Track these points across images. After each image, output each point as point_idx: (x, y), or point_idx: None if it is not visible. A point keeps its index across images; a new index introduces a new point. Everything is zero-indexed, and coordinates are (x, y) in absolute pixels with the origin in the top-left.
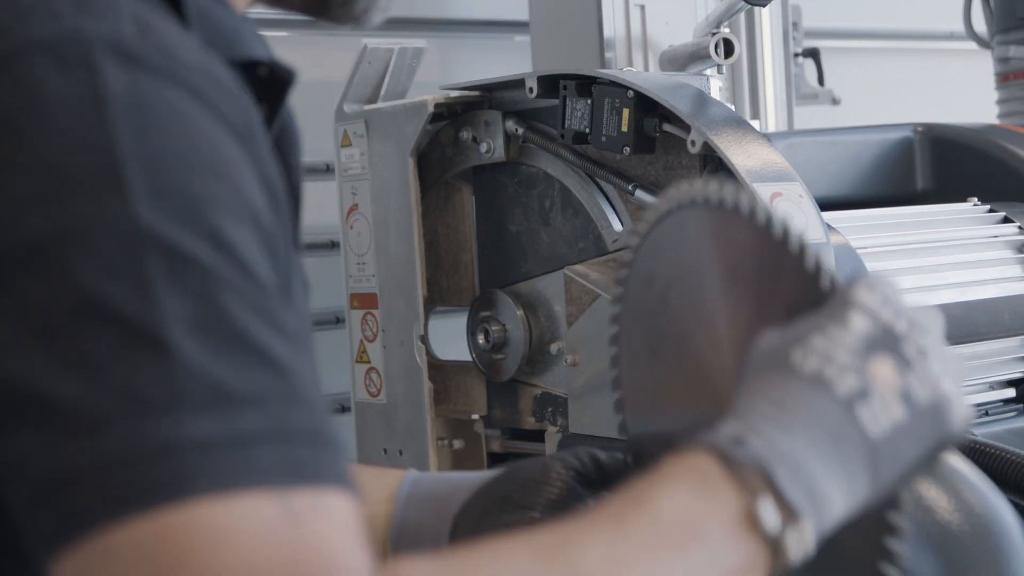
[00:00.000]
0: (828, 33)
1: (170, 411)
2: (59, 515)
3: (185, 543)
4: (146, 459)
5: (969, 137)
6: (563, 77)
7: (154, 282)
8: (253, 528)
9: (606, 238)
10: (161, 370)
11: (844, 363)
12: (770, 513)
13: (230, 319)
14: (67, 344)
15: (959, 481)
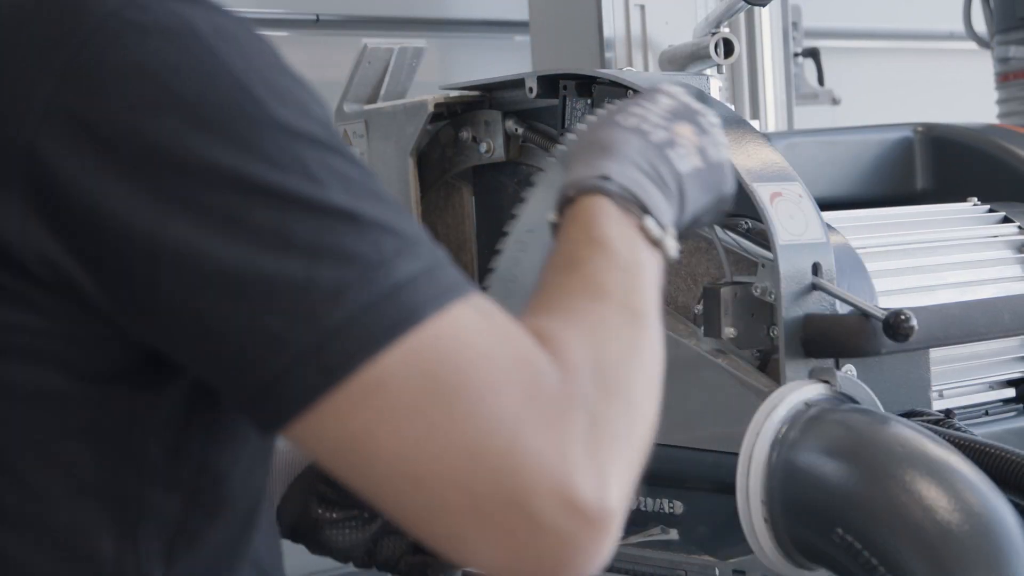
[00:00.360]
0: (828, 33)
1: (382, 263)
2: (322, 369)
3: (443, 349)
4: (383, 303)
5: (969, 137)
6: (563, 77)
7: (312, 167)
8: (472, 327)
9: None
10: (359, 234)
11: (655, 122)
12: (654, 226)
13: (366, 184)
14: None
15: (959, 481)
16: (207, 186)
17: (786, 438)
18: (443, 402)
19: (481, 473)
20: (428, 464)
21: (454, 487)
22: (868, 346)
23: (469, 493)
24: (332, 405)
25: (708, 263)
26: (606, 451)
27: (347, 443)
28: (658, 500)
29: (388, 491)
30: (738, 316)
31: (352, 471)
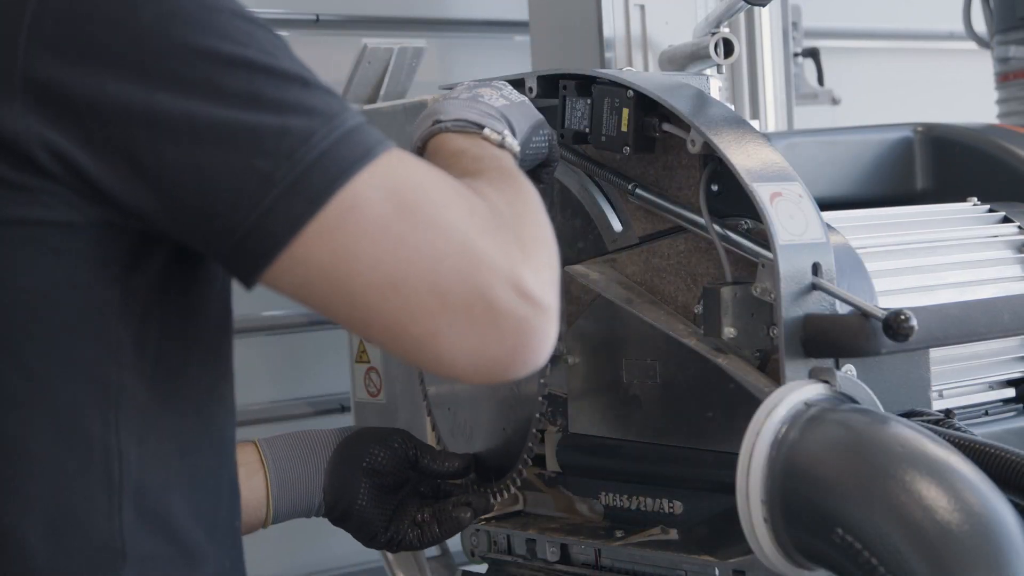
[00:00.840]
0: (828, 33)
1: (335, 114)
2: (305, 198)
3: (399, 174)
4: (345, 141)
5: (969, 137)
6: (563, 77)
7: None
8: (414, 162)
9: (606, 238)
10: (312, 93)
11: (459, 92)
12: (491, 133)
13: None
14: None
15: (959, 481)
16: (186, 63)
17: (786, 438)
18: (407, 215)
19: (445, 272)
20: (402, 269)
21: (426, 287)
22: (868, 346)
23: (438, 291)
24: (316, 229)
25: (708, 263)
26: (533, 256)
27: (330, 264)
28: (658, 500)
29: (368, 302)
30: (738, 316)
31: (334, 291)
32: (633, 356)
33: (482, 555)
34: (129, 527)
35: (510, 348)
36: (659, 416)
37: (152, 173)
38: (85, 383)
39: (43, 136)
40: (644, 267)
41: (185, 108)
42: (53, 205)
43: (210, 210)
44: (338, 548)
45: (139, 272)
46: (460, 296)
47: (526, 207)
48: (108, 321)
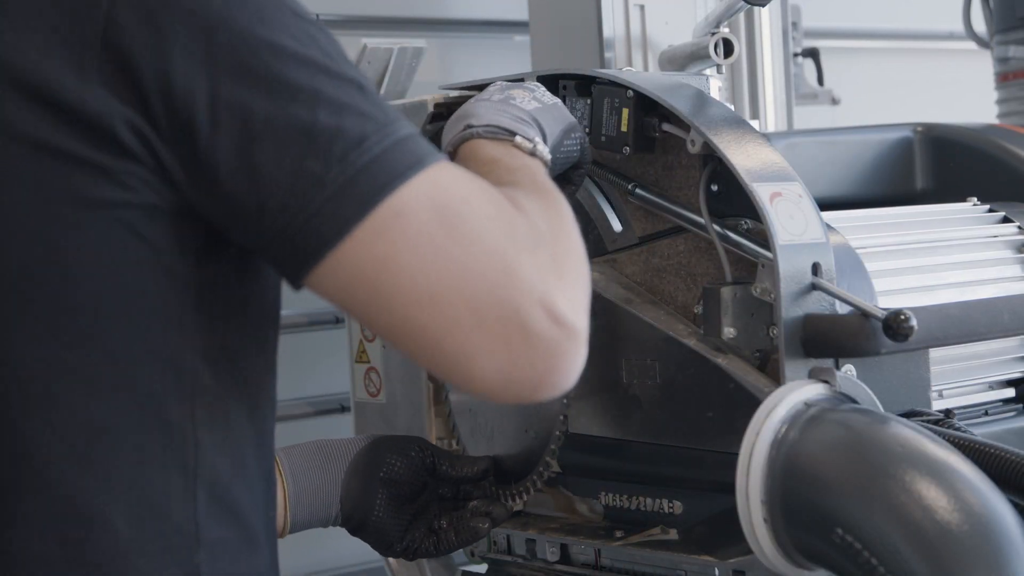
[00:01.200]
0: (828, 33)
1: (389, 121)
2: (355, 201)
3: (446, 187)
4: (397, 149)
5: (969, 137)
6: (562, 77)
7: (327, 48)
8: (460, 175)
9: (606, 238)
10: (368, 98)
11: (491, 93)
12: (523, 141)
13: (359, 71)
14: (313, 93)
15: (959, 481)
16: (252, 54)
17: (786, 438)
18: (451, 228)
19: (484, 289)
20: (441, 282)
21: (463, 303)
22: (868, 346)
23: (475, 308)
24: (362, 233)
25: (708, 263)
26: (567, 278)
27: (372, 270)
28: (658, 500)
29: (406, 313)
30: (738, 316)
31: (374, 298)
32: (633, 356)
33: (482, 555)
34: (202, 512)
35: (540, 371)
36: (659, 416)
37: (208, 165)
38: (165, 369)
39: (123, 113)
40: (644, 267)
41: (245, 100)
42: (136, 187)
43: (260, 209)
44: (338, 548)
45: (210, 259)
46: (496, 315)
47: (561, 224)
48: (185, 307)
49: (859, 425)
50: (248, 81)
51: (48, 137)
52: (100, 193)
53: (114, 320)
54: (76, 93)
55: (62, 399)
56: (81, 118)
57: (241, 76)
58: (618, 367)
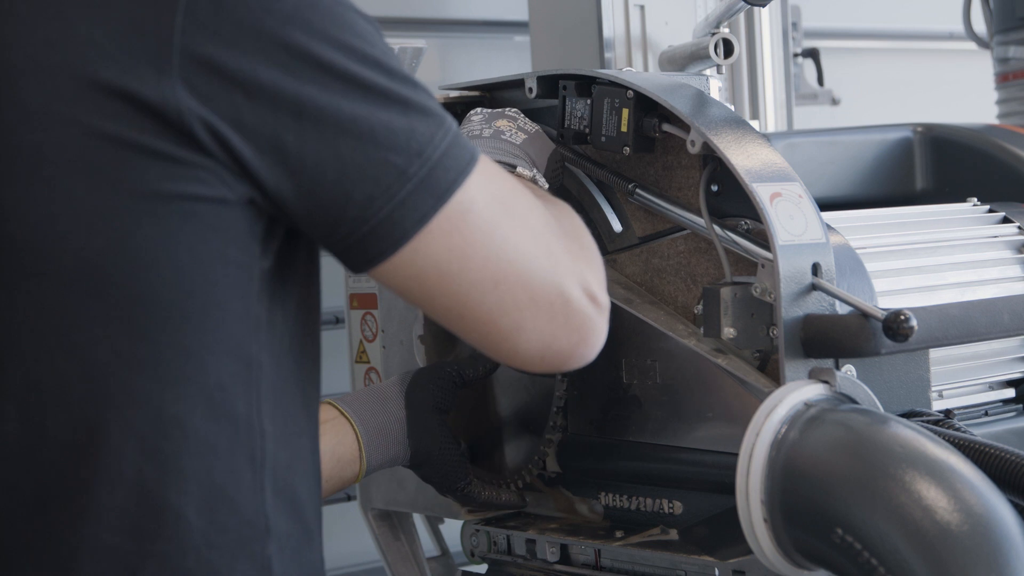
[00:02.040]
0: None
1: (445, 118)
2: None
3: (497, 179)
4: (457, 145)
5: (968, 137)
6: (562, 77)
7: (387, 51)
8: (501, 171)
9: (606, 238)
10: (426, 96)
11: (480, 128)
12: (523, 171)
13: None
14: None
15: (959, 481)
16: (329, 54)
17: (786, 438)
18: (509, 217)
19: (537, 271)
20: (503, 268)
21: (520, 285)
22: (868, 346)
23: (529, 289)
24: (437, 225)
25: (708, 263)
26: (593, 264)
27: (445, 260)
28: (658, 500)
29: (470, 297)
30: (738, 316)
31: (442, 285)
32: (633, 356)
33: (482, 555)
34: (270, 504)
35: (575, 342)
36: (659, 416)
37: (294, 159)
38: (233, 361)
39: (200, 113)
40: (644, 267)
41: (330, 100)
42: (210, 181)
43: (345, 199)
44: (338, 548)
45: (271, 251)
46: (545, 294)
47: (573, 223)
48: (249, 299)
49: (859, 425)
50: (330, 82)
51: (123, 131)
52: (173, 187)
53: (185, 312)
54: (155, 90)
55: (132, 390)
56: (158, 114)
57: (324, 77)
58: (618, 367)
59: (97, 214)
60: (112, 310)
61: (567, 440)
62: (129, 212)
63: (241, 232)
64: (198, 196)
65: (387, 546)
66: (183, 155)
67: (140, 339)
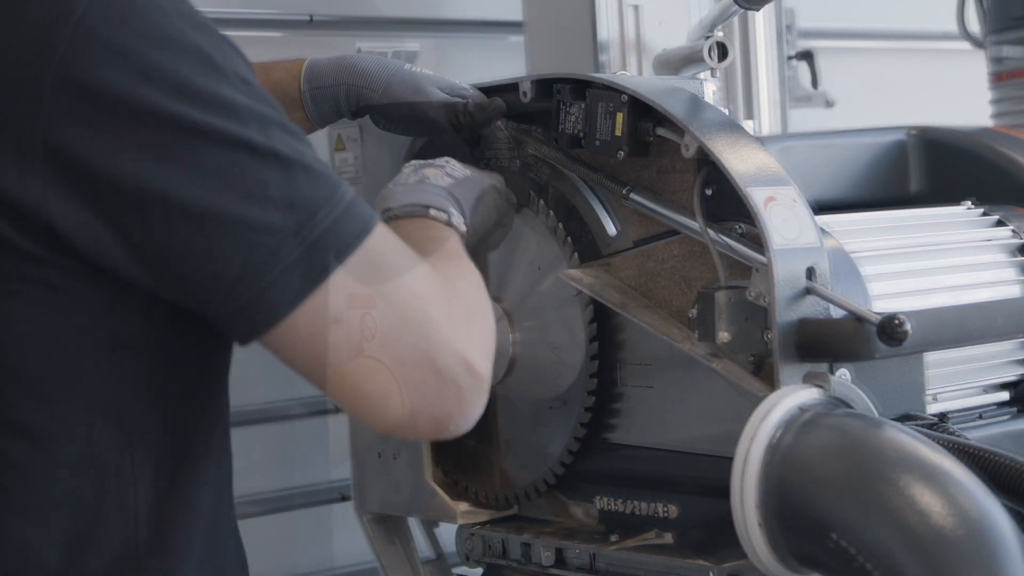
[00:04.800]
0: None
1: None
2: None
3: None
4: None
5: (963, 140)
6: (557, 81)
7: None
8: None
9: (600, 242)
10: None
11: (407, 175)
12: (436, 213)
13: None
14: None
15: (953, 485)
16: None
17: (781, 443)
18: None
19: (408, 341)
20: (371, 338)
21: (388, 354)
22: (862, 350)
23: (398, 358)
24: (311, 304)
25: (702, 267)
26: (476, 333)
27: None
28: (653, 504)
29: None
30: (732, 320)
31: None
32: (628, 360)
33: (477, 559)
34: (144, 547)
35: (447, 412)
36: (654, 420)
37: (162, 247)
38: (104, 416)
39: (63, 206)
40: (639, 271)
41: (200, 193)
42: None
43: (213, 281)
44: (338, 548)
45: (150, 309)
46: (416, 364)
47: (469, 286)
48: (123, 356)
49: (854, 430)
50: (192, 165)
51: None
52: (33, 271)
53: (50, 376)
54: (16, 183)
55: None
56: (17, 207)
57: (184, 160)
58: (612, 371)
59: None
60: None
61: None
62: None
63: (112, 302)
64: (65, 274)
65: (382, 550)
66: (44, 248)
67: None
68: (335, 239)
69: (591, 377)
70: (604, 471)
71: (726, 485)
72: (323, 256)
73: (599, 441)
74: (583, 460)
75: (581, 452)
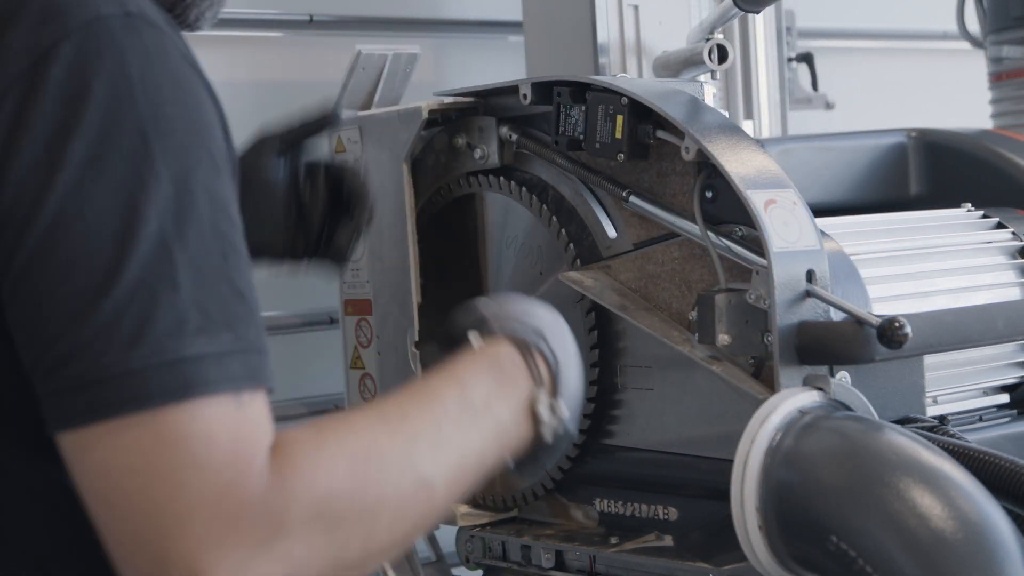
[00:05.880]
0: (821, 33)
1: (174, 335)
2: (90, 401)
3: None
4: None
5: (963, 142)
6: (557, 83)
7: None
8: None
9: (600, 244)
10: (173, 306)
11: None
12: (546, 409)
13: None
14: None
15: (953, 488)
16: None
17: (780, 445)
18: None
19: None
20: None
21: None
22: (862, 353)
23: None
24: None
25: (702, 270)
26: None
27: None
28: (653, 506)
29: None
30: (732, 323)
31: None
32: (628, 363)
33: (477, 561)
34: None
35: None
36: (653, 422)
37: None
38: None
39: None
40: (638, 274)
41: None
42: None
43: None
44: None
45: None
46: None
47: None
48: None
49: (854, 432)
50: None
51: None
52: None
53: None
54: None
55: None
56: None
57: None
58: (613, 373)
59: None
60: None
61: None
62: None
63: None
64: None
65: None
66: None
67: None
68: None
69: (591, 384)
70: (604, 473)
71: (726, 488)
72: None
73: (599, 444)
74: (583, 463)
75: (581, 455)
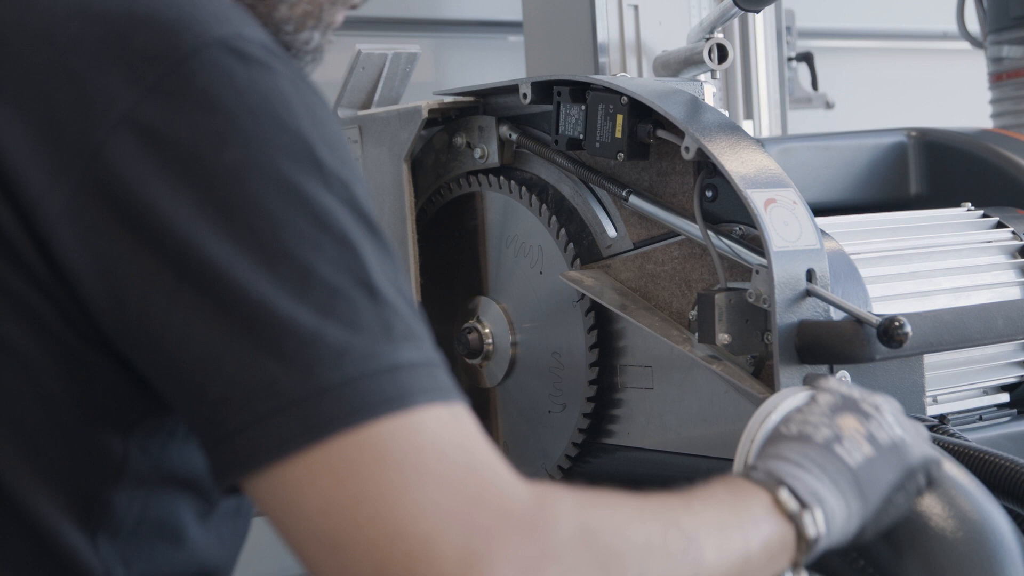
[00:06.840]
0: (821, 33)
1: (386, 341)
2: (305, 422)
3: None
4: (379, 376)
5: (963, 142)
6: (557, 83)
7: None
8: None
9: (600, 244)
10: (376, 310)
11: (817, 422)
12: (789, 499)
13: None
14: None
15: (953, 487)
16: (251, 214)
17: None
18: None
19: (396, 553)
20: (352, 531)
21: (369, 558)
22: (862, 353)
23: (382, 568)
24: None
25: (702, 269)
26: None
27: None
28: None
29: (313, 549)
30: (732, 322)
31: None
32: (627, 362)
33: None
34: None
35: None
36: (653, 422)
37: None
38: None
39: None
40: (638, 273)
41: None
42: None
43: (199, 392)
44: None
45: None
46: None
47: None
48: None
49: None
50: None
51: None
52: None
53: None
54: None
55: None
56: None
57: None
58: (613, 373)
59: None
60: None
61: None
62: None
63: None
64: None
65: None
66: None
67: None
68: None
69: (590, 384)
70: (604, 473)
71: None
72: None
73: (599, 443)
74: (582, 462)
75: (580, 455)
